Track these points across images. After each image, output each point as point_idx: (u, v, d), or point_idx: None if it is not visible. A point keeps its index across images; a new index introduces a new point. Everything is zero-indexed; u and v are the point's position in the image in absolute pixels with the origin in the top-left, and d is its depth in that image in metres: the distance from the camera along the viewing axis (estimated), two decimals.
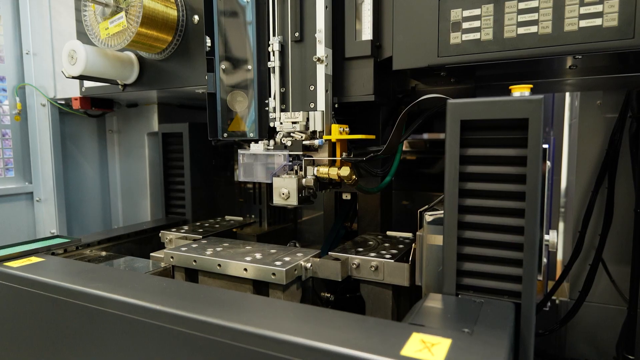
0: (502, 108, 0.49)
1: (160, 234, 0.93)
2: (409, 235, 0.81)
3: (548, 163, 0.49)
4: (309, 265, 0.67)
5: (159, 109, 1.24)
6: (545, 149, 0.48)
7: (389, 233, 0.84)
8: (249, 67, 0.76)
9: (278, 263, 0.65)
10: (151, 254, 0.81)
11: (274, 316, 0.46)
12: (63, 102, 1.18)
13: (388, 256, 0.67)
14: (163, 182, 1.14)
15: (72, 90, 1.11)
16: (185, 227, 0.97)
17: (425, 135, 1.11)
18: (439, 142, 1.10)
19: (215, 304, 0.49)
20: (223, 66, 0.77)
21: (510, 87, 0.54)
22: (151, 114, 1.26)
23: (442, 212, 0.59)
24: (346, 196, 0.91)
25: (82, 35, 0.89)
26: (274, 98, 0.73)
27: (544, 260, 0.50)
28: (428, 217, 0.60)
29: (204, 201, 1.12)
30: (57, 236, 0.84)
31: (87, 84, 1.05)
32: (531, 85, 0.54)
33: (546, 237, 0.50)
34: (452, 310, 0.47)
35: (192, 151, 1.08)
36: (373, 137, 0.74)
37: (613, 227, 0.92)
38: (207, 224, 1.01)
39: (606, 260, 0.93)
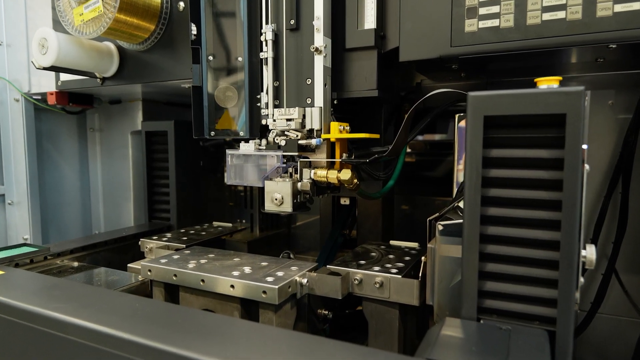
0: (534, 102, 0.42)
1: (139, 242, 0.85)
2: (415, 245, 0.75)
3: (587, 166, 0.42)
4: (304, 281, 0.60)
5: (144, 106, 1.19)
6: (584, 150, 0.41)
7: (392, 243, 0.77)
8: (239, 58, 0.71)
9: (270, 279, 0.58)
10: (128, 265, 0.74)
11: (264, 349, 0.39)
12: (39, 97, 1.12)
13: (394, 270, 0.60)
14: (146, 184, 1.09)
15: (49, 84, 1.05)
16: (168, 235, 0.90)
17: (420, 137, 1.06)
18: (439, 143, 1.05)
19: (194, 332, 0.42)
20: (210, 57, 0.72)
21: (536, 79, 0.49)
22: (135, 112, 1.21)
23: (455, 221, 0.52)
24: (344, 201, 0.86)
25: (58, 24, 0.83)
26: (267, 93, 0.69)
27: (581, 280, 0.43)
28: (440, 227, 0.53)
29: (190, 205, 1.07)
30: (24, 244, 0.77)
31: (64, 77, 0.99)
32: (560, 78, 0.48)
33: (582, 252, 0.44)
34: (476, 341, 0.40)
35: (177, 151, 1.04)
36: (377, 136, 0.69)
37: (627, 235, 0.87)
38: (192, 231, 0.93)
39: (619, 269, 0.88)
